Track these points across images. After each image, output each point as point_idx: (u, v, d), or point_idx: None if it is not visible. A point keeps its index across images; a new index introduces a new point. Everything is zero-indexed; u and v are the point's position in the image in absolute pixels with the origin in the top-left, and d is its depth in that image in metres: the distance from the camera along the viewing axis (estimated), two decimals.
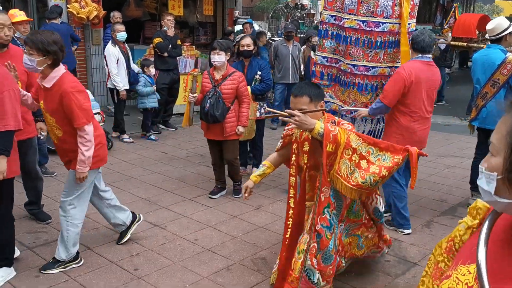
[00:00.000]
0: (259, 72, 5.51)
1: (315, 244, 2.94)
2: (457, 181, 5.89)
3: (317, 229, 2.91)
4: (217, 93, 4.82)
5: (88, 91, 6.60)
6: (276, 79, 8.39)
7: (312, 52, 6.65)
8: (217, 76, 4.89)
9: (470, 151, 6.79)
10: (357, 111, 4.58)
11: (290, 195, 3.21)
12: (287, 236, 3.24)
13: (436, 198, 5.28)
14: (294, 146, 3.13)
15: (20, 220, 4.36)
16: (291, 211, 3.21)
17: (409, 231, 4.38)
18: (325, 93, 5.10)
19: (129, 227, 3.99)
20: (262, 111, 5.76)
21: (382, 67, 4.57)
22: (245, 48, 5.41)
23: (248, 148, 6.02)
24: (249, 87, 5.23)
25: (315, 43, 6.52)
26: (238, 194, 5.11)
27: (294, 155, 3.15)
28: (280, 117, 2.94)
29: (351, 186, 2.84)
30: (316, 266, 2.96)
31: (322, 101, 3.06)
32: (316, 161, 3.08)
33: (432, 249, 4.12)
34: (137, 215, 4.07)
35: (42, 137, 4.57)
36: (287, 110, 2.81)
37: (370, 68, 4.57)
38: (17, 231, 4.11)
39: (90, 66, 9.00)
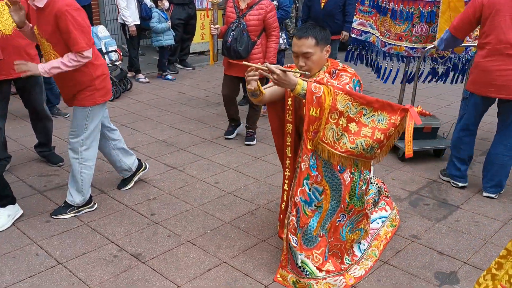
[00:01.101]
0: None
1: (293, 218, 2.57)
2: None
3: (296, 201, 2.54)
4: (241, 24, 4.34)
5: (103, 26, 6.24)
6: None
7: None
8: (242, 5, 4.37)
9: None
10: (394, 45, 4.03)
11: (287, 144, 2.81)
12: (285, 187, 2.88)
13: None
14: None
15: (31, 163, 4.14)
16: (288, 162, 2.83)
17: (462, 184, 3.83)
18: (365, 22, 4.61)
19: (133, 174, 3.72)
20: (281, 41, 5.27)
21: None
22: None
23: None
24: None
25: None
26: (251, 141, 4.71)
27: (290, 99, 2.69)
28: (259, 72, 2.45)
29: (339, 153, 2.45)
30: (296, 246, 2.57)
31: (328, 46, 2.62)
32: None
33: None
34: (143, 164, 3.79)
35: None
36: (267, 65, 2.35)
37: None
38: (27, 174, 3.92)
39: (103, 2, 8.51)
